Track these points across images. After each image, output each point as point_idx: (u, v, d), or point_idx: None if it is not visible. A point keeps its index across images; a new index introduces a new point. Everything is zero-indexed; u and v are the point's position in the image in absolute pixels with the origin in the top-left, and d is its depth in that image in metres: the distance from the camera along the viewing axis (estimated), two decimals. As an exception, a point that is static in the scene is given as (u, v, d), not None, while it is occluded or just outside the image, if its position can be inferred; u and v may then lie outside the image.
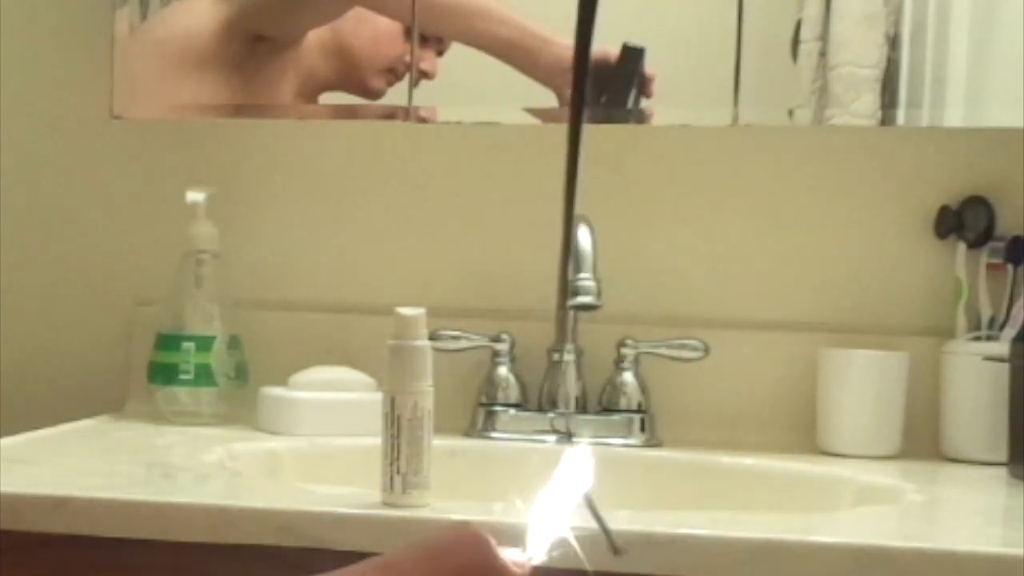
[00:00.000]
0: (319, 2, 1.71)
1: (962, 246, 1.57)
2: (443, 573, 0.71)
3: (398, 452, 1.15)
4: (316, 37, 1.72)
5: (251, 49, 1.71)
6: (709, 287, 1.65)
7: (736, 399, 1.62)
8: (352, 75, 1.69)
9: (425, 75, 1.66)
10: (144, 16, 1.73)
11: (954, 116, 1.57)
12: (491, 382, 1.61)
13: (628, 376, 1.58)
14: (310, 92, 1.71)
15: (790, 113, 1.59)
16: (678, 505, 1.43)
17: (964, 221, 1.58)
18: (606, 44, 1.61)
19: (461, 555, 0.72)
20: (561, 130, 0.63)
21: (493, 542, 0.72)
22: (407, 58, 1.66)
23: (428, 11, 1.65)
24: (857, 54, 1.55)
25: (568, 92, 1.57)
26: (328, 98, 1.71)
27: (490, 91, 1.67)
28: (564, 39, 1.56)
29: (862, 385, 1.54)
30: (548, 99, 1.64)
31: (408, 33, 1.66)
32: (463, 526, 0.73)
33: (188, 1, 1.76)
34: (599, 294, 1.48)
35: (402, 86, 1.66)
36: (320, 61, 1.71)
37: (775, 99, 1.59)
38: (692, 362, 1.58)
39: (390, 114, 1.67)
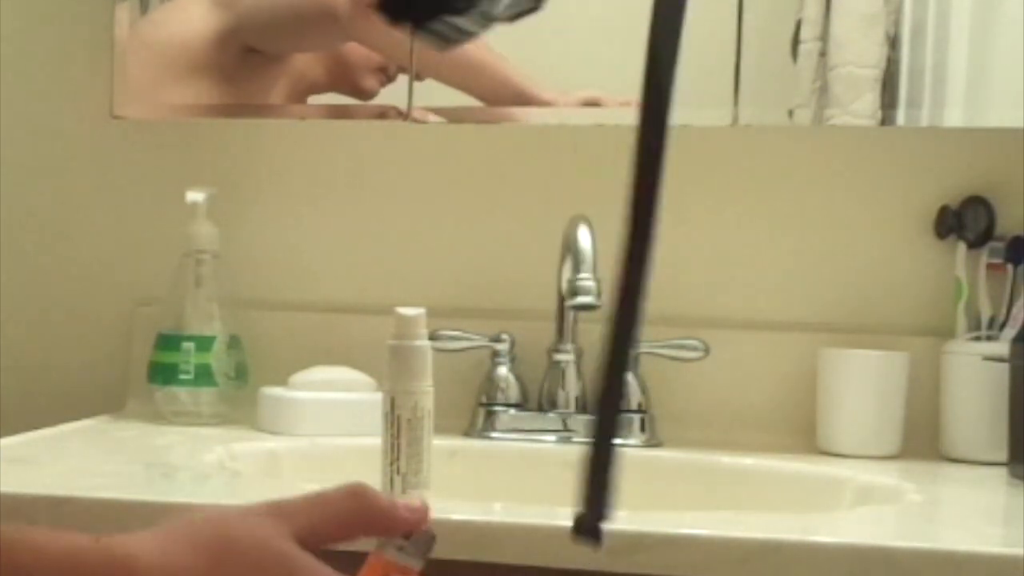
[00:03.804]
0: (317, 35, 1.71)
1: (962, 246, 1.57)
2: (325, 518, 0.73)
3: (398, 452, 1.15)
4: None
5: (242, 59, 1.70)
6: (709, 287, 1.65)
7: (736, 399, 1.62)
8: (344, 75, 1.69)
9: (418, 76, 1.65)
10: (144, 13, 1.73)
11: (954, 116, 1.56)
12: (491, 382, 1.61)
13: (628, 376, 1.58)
14: (302, 94, 1.71)
15: (790, 113, 1.59)
16: (678, 505, 1.42)
17: (964, 221, 1.58)
18: (606, 45, 1.61)
19: (345, 502, 0.74)
20: (561, 130, 0.64)
21: (374, 494, 0.75)
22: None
23: (429, 62, 1.65)
24: (857, 54, 1.55)
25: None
26: (325, 98, 1.71)
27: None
28: (551, 94, 1.61)
29: (862, 385, 1.54)
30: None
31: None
32: (356, 483, 0.76)
33: (179, 4, 1.75)
34: (599, 294, 1.48)
35: (399, 86, 1.66)
36: (311, 62, 1.71)
37: (775, 99, 1.59)
38: (692, 362, 1.58)
39: (388, 114, 1.67)
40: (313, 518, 0.75)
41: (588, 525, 0.69)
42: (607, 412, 0.70)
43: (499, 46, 1.63)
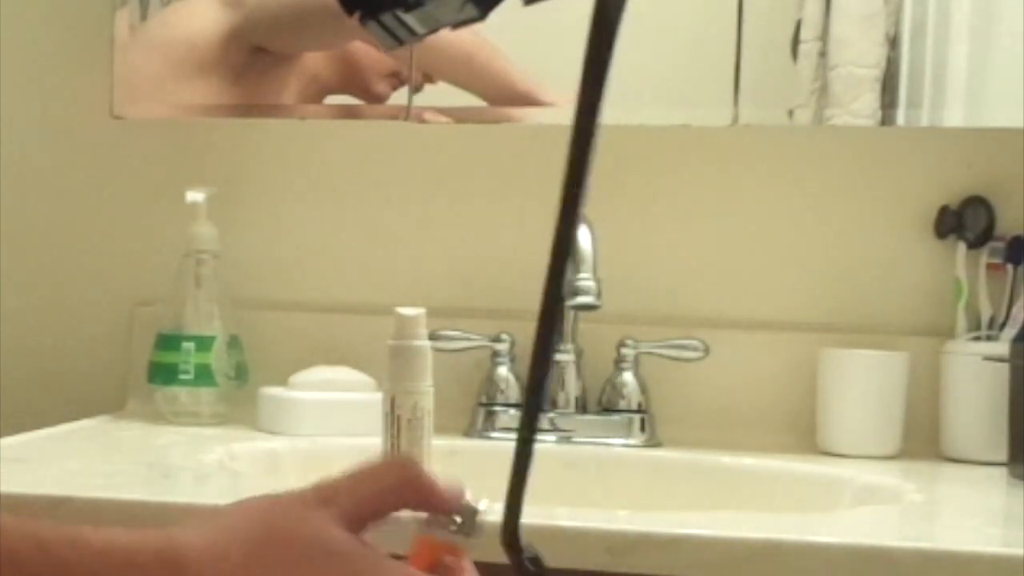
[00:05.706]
0: (322, 31, 1.71)
1: (962, 246, 1.57)
2: (372, 494, 0.74)
3: (398, 452, 1.15)
4: None
5: (252, 59, 1.70)
6: (709, 287, 1.65)
7: (736, 399, 1.62)
8: (356, 79, 1.69)
9: (429, 79, 1.65)
10: (144, 16, 1.72)
11: (954, 116, 1.56)
12: (491, 382, 1.61)
13: (628, 376, 1.58)
14: (313, 96, 1.71)
15: (790, 113, 1.59)
16: (678, 505, 1.43)
17: (964, 221, 1.58)
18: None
19: (391, 475, 0.73)
20: (561, 130, 0.63)
21: (419, 466, 0.74)
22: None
23: (436, 61, 1.65)
24: (857, 54, 1.55)
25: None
26: (329, 99, 1.71)
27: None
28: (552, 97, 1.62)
29: (862, 385, 1.54)
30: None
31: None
32: (403, 455, 0.76)
33: (189, 4, 1.75)
34: (599, 294, 1.48)
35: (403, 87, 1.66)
36: (323, 66, 1.71)
37: (775, 99, 1.59)
38: (692, 362, 1.58)
39: (390, 115, 1.67)
40: (359, 496, 0.74)
41: (511, 541, 0.69)
42: (530, 410, 0.69)
43: (504, 47, 1.63)
